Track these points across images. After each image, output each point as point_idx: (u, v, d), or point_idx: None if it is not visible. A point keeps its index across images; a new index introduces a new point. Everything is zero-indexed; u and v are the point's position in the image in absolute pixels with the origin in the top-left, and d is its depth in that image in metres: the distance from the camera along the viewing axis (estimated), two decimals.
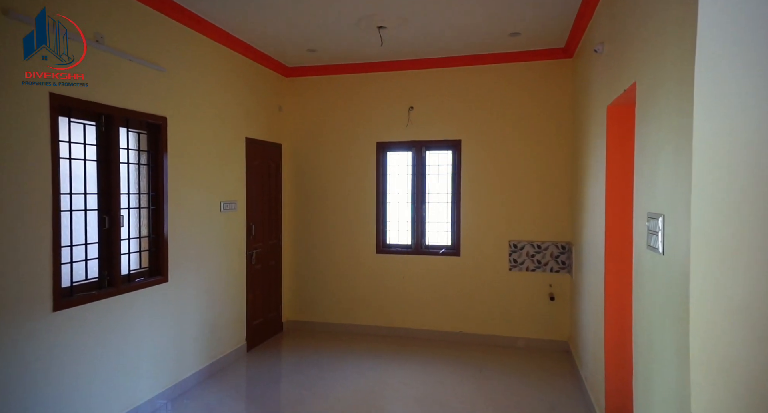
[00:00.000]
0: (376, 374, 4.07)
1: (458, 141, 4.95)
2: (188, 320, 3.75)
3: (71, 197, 2.79)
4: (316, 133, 5.32)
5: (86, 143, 2.91)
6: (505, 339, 4.78)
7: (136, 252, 3.34)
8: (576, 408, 3.38)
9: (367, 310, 5.16)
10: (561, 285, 4.67)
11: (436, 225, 5.08)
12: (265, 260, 4.91)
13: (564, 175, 4.66)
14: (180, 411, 3.36)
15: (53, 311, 2.61)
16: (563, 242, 4.66)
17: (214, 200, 4.08)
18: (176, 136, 3.59)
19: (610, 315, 2.86)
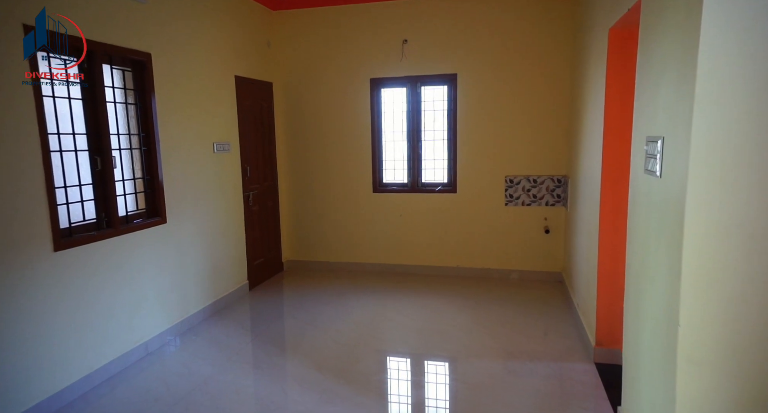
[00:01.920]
0: (375, 308, 4.23)
1: (454, 75, 4.80)
2: (189, 260, 3.82)
3: (59, 137, 2.72)
4: (307, 70, 5.14)
5: (69, 80, 2.79)
6: (500, 272, 4.93)
7: (132, 194, 3.33)
8: (568, 333, 3.56)
9: (365, 248, 5.27)
10: (556, 218, 4.74)
11: (432, 163, 5.06)
12: (262, 201, 4.92)
13: (562, 107, 4.58)
14: (188, 345, 3.51)
15: (54, 251, 2.64)
16: (559, 175, 4.68)
17: (206, 141, 4.01)
18: (163, 74, 3.46)
19: (604, 243, 2.94)
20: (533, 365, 3.08)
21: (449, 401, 2.76)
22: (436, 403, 2.75)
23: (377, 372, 3.13)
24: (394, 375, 3.12)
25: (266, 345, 3.52)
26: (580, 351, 3.23)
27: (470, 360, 3.18)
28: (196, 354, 3.36)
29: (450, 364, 3.20)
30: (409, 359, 3.29)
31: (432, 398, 2.79)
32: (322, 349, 3.40)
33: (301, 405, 2.68)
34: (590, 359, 3.10)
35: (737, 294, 1.53)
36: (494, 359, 3.19)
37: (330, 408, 2.63)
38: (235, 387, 2.90)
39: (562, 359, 3.14)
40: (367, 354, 3.34)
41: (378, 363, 3.26)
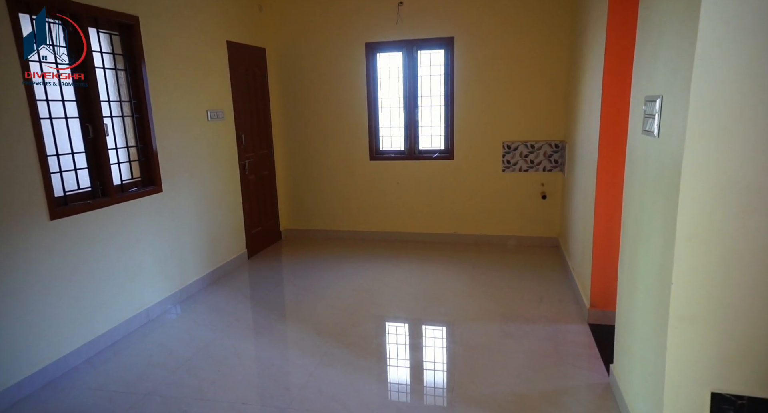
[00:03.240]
0: (373, 274, 4.28)
1: (451, 39, 4.69)
2: (187, 228, 3.82)
3: (48, 103, 2.66)
4: (300, 35, 5.00)
5: (55, 44, 2.71)
6: (497, 238, 4.97)
7: (126, 163, 3.30)
8: (563, 296, 3.62)
9: (362, 216, 5.28)
10: (553, 184, 4.74)
11: (429, 129, 5.01)
12: (258, 170, 4.89)
13: (561, 71, 4.50)
14: (189, 312, 3.56)
15: (50, 219, 2.64)
16: (557, 140, 4.64)
17: (199, 109, 3.94)
18: (152, 38, 3.36)
19: (600, 206, 2.94)
20: (529, 327, 3.14)
21: (447, 363, 2.83)
22: (434, 365, 2.82)
23: (376, 336, 3.19)
24: (393, 339, 3.19)
25: (266, 311, 3.58)
26: (574, 313, 3.30)
27: (467, 323, 3.25)
28: (197, 320, 3.42)
29: (447, 327, 3.27)
30: (408, 323, 3.35)
31: (430, 360, 2.86)
32: (321, 314, 3.46)
33: (302, 367, 2.75)
34: (584, 320, 3.17)
35: (730, 252, 1.54)
36: (491, 322, 3.25)
37: (330, 370, 2.70)
38: (236, 351, 2.97)
39: (558, 321, 3.21)
40: (365, 318, 3.40)
41: (376, 327, 3.33)
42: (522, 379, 2.55)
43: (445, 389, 2.55)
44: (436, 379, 2.67)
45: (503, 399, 2.38)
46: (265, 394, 2.51)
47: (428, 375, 2.71)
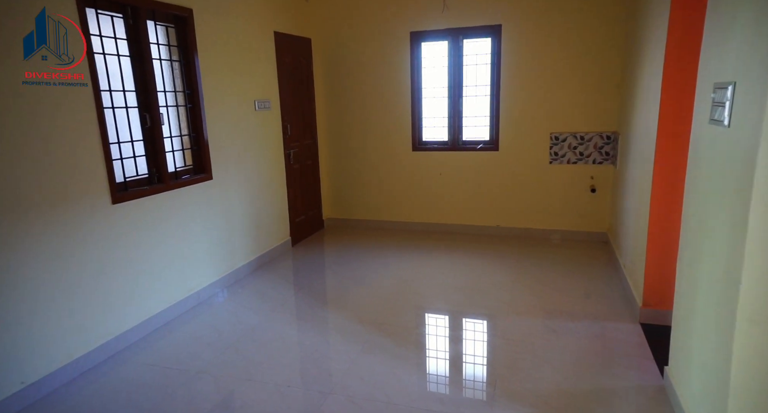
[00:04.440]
0: (414, 265, 4.27)
1: (498, 26, 4.56)
2: (235, 215, 3.95)
3: (111, 93, 2.81)
4: (345, 24, 5.01)
5: (116, 37, 2.84)
6: (543, 232, 4.84)
7: (180, 150, 3.43)
8: (612, 293, 3.49)
9: (404, 207, 5.27)
10: (603, 177, 4.55)
11: (473, 120, 4.92)
12: (303, 159, 4.97)
13: (615, 59, 4.29)
14: (236, 296, 3.69)
15: (112, 204, 2.79)
16: (609, 132, 4.44)
17: (248, 99, 4.03)
18: (204, 30, 3.46)
19: (656, 200, 2.80)
20: (575, 324, 3.05)
21: (489, 356, 2.80)
22: (476, 358, 2.79)
23: (417, 326, 3.20)
24: (434, 330, 3.18)
25: (309, 297, 3.65)
26: (624, 312, 3.17)
27: (510, 317, 3.19)
28: (244, 304, 3.53)
29: (489, 321, 3.22)
30: (449, 315, 3.33)
31: (472, 353, 2.84)
32: (363, 303, 3.50)
33: (344, 354, 2.79)
34: (635, 319, 3.04)
35: None
36: (534, 317, 3.18)
37: (371, 358, 2.73)
38: (281, 335, 3.05)
39: (606, 319, 3.10)
40: (406, 308, 3.41)
41: (418, 317, 3.33)
42: (568, 376, 2.49)
43: (486, 382, 2.52)
44: (478, 372, 2.65)
45: (548, 396, 2.33)
46: (309, 378, 2.57)
47: (470, 367, 2.68)
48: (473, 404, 2.32)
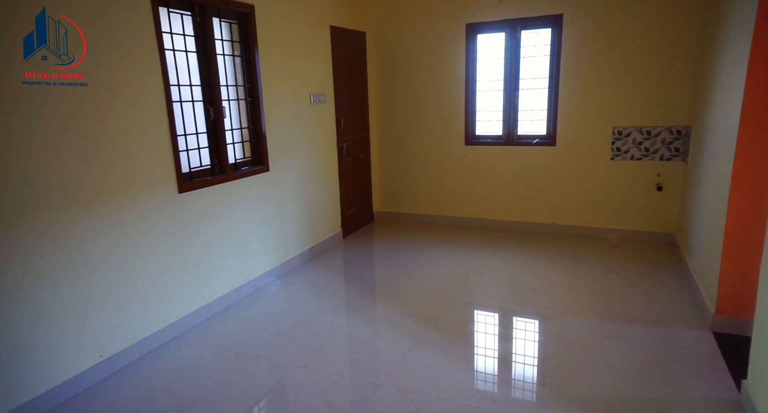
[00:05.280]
0: (465, 260, 4.21)
1: (559, 16, 4.37)
2: (289, 206, 4.05)
3: (179, 88, 2.94)
4: (400, 17, 4.98)
5: (185, 34, 2.97)
6: (601, 231, 4.63)
7: (239, 143, 3.56)
8: (679, 298, 3.28)
9: (455, 202, 5.21)
10: (671, 174, 4.28)
11: (529, 113, 4.76)
12: (355, 153, 5.02)
13: (689, 48, 3.99)
14: (289, 285, 3.79)
15: (179, 192, 2.94)
16: (679, 126, 4.16)
17: (304, 92, 4.11)
18: (264, 26, 3.55)
19: (735, 199, 2.59)
20: (637, 329, 2.89)
21: (543, 357, 2.71)
22: (529, 359, 2.72)
23: (467, 323, 3.15)
24: (486, 328, 3.13)
25: (359, 289, 3.69)
26: (693, 319, 2.97)
27: (565, 318, 3.08)
28: (297, 293, 3.63)
29: (543, 321, 3.12)
30: (500, 312, 3.26)
31: (525, 353, 2.76)
32: (413, 297, 3.49)
33: (394, 346, 2.80)
34: (707, 327, 2.84)
35: None
36: (591, 319, 3.05)
37: (422, 352, 2.72)
38: (333, 325, 3.10)
39: (672, 325, 2.92)
40: (457, 304, 3.37)
41: (468, 314, 3.29)
42: (630, 383, 2.37)
43: (539, 384, 2.44)
44: (532, 373, 2.57)
45: (607, 403, 2.23)
46: (360, 369, 2.60)
47: (523, 368, 2.62)
48: (526, 405, 2.26)
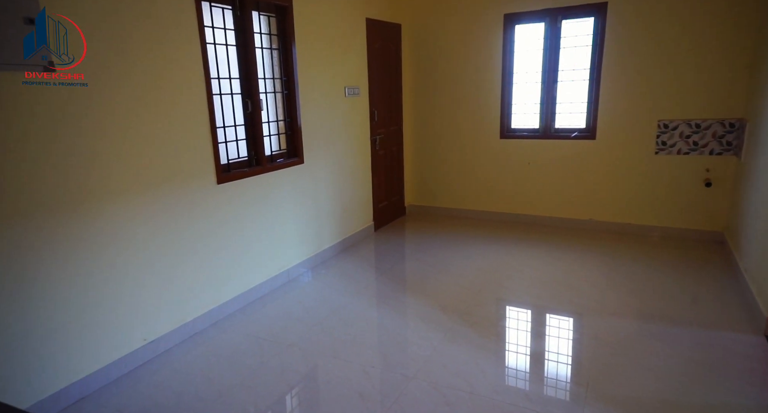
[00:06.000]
0: (498, 256, 4.14)
1: (604, 4, 4.20)
2: (323, 198, 4.09)
3: (219, 81, 3.01)
4: (435, 9, 4.92)
5: (225, 27, 3.03)
6: (643, 228, 4.45)
7: (276, 135, 3.61)
8: (728, 300, 3.12)
9: (489, 196, 5.13)
10: (722, 170, 4.06)
11: (568, 106, 4.61)
12: (388, 145, 5.00)
13: (745, 36, 3.76)
14: (322, 276, 3.84)
15: (217, 183, 3.01)
16: (732, 119, 3.94)
17: (338, 85, 4.12)
18: (301, 19, 3.58)
19: None
20: (681, 330, 2.77)
21: (579, 355, 2.64)
22: (566, 358, 2.65)
23: (501, 319, 3.10)
24: (519, 325, 3.07)
25: (391, 282, 3.69)
26: (744, 322, 2.82)
27: (602, 317, 2.99)
28: (330, 284, 3.66)
29: (579, 319, 3.04)
30: (535, 309, 3.19)
31: (562, 352, 2.70)
32: (445, 291, 3.47)
33: (426, 340, 2.79)
34: (760, 331, 2.69)
35: None
36: (631, 319, 2.95)
37: (454, 347, 2.70)
38: (365, 317, 3.12)
39: (720, 328, 2.78)
40: (490, 300, 3.33)
41: (501, 309, 3.24)
42: (671, 386, 2.27)
43: (575, 383, 2.37)
44: (567, 371, 2.51)
45: (650, 406, 2.15)
46: (392, 361, 2.60)
47: (557, 366, 2.55)
48: (561, 404, 2.21)
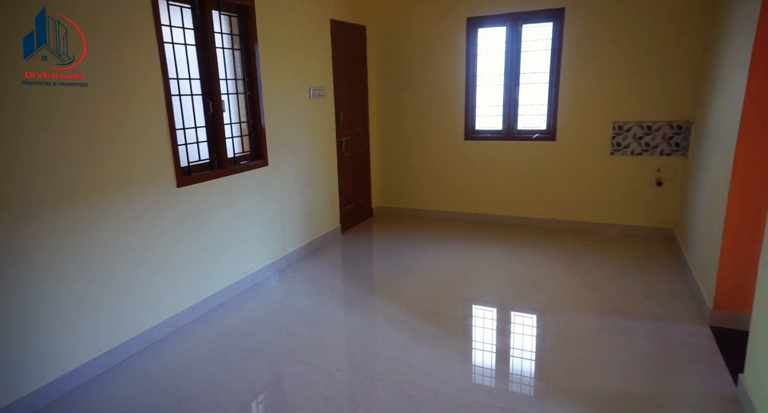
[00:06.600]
0: (464, 255, 4.21)
1: (561, 10, 4.35)
2: (288, 201, 4.04)
3: (178, 81, 2.93)
4: (400, 11, 4.96)
5: (184, 27, 2.96)
6: (600, 226, 4.62)
7: (238, 137, 3.54)
8: (677, 293, 3.28)
9: (455, 197, 5.20)
10: (671, 170, 4.27)
11: (529, 108, 4.74)
12: (354, 147, 5.00)
13: (692, 43, 3.97)
14: (288, 280, 3.79)
15: (177, 187, 2.93)
16: (680, 121, 4.15)
17: (303, 87, 4.09)
18: (264, 19, 3.53)
19: (736, 195, 2.59)
20: (635, 323, 2.90)
21: (541, 351, 2.71)
22: (526, 353, 2.72)
23: (465, 317, 3.15)
24: (484, 323, 3.13)
25: (358, 283, 3.69)
26: (691, 313, 2.98)
27: (563, 313, 3.08)
28: (295, 287, 3.63)
29: (541, 315, 3.13)
30: (499, 307, 3.26)
31: (522, 348, 2.77)
32: (411, 291, 3.49)
33: (392, 341, 2.80)
34: (704, 321, 2.85)
35: None
36: (590, 314, 3.05)
37: (420, 347, 2.72)
38: (331, 320, 3.11)
39: (670, 320, 2.92)
40: (455, 299, 3.37)
41: (466, 308, 3.29)
42: (627, 378, 2.37)
43: (537, 378, 2.44)
44: (529, 367, 2.58)
45: (605, 397, 2.23)
46: (358, 363, 2.60)
47: (520, 362, 2.62)
48: (524, 399, 2.27)
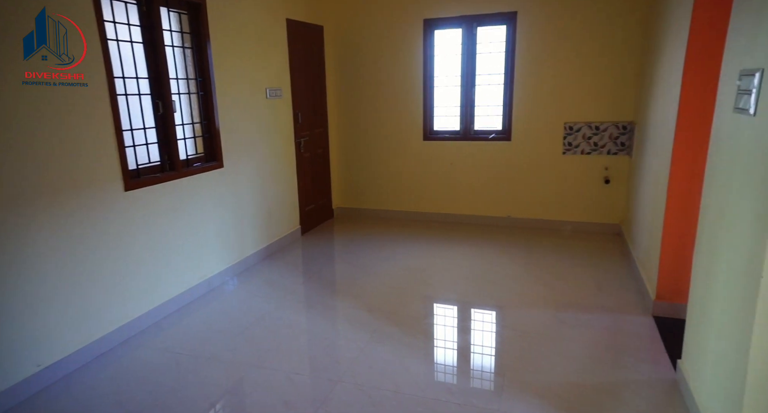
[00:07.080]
0: (424, 255, 4.26)
1: (514, 13, 4.47)
2: (245, 203, 3.96)
3: (124, 80, 2.81)
4: (357, 12, 4.95)
5: (130, 23, 2.83)
6: (554, 223, 4.79)
7: (191, 138, 3.43)
8: (625, 286, 3.45)
9: (414, 197, 5.25)
10: (618, 168, 4.48)
11: (486, 109, 4.85)
12: (313, 148, 4.96)
13: (634, 47, 4.19)
14: (246, 284, 3.71)
15: (125, 191, 2.80)
16: (625, 122, 4.36)
17: (259, 87, 4.02)
18: (217, 18, 3.44)
19: (673, 191, 2.74)
20: (586, 316, 3.02)
21: (498, 347, 2.78)
22: (485, 349, 2.78)
23: (426, 316, 3.19)
24: (443, 321, 3.17)
25: (318, 286, 3.66)
26: (637, 305, 3.13)
27: (521, 308, 3.17)
28: (254, 292, 3.55)
29: (499, 311, 3.20)
30: (459, 305, 3.32)
31: (481, 344, 2.83)
32: (372, 292, 3.50)
33: (353, 342, 2.79)
34: (648, 312, 3.00)
35: None
36: (545, 308, 3.16)
37: (380, 347, 2.73)
38: (290, 323, 3.06)
39: (618, 311, 3.06)
40: (416, 298, 3.41)
41: (427, 307, 3.32)
42: (578, 369, 2.47)
43: (495, 373, 2.51)
44: (487, 363, 2.64)
45: (558, 388, 2.31)
46: (318, 366, 2.58)
47: (479, 358, 2.67)
48: (482, 394, 2.31)
